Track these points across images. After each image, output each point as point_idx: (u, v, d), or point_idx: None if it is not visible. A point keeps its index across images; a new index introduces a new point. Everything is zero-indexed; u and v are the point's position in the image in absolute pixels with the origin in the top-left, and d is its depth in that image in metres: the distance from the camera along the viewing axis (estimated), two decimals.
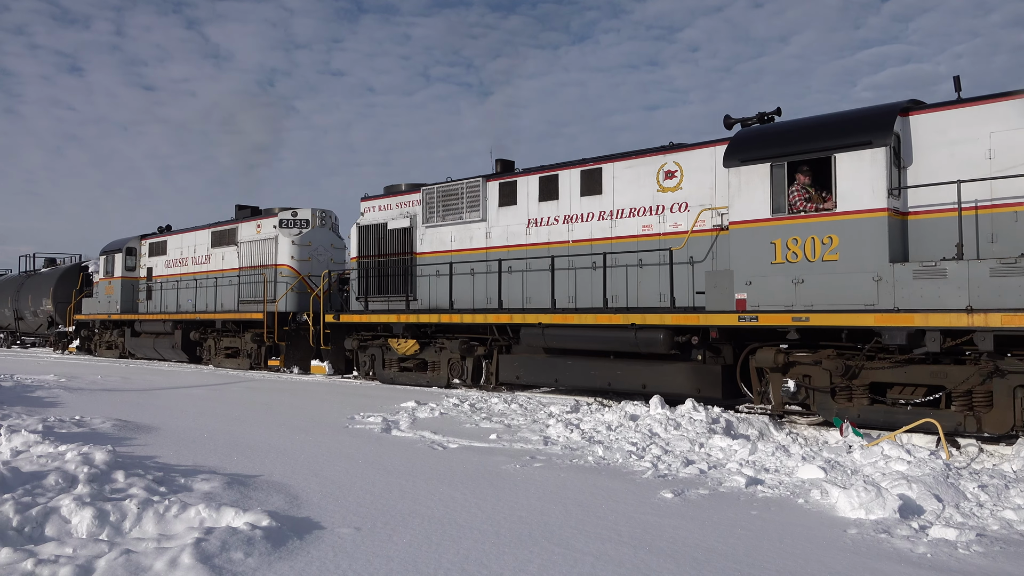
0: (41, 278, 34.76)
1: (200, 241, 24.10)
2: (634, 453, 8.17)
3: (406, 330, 15.60)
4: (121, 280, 26.98)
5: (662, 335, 11.40)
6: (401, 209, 16.73)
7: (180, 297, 24.44)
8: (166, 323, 24.15)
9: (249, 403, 12.95)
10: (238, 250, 22.12)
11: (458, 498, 6.22)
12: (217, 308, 22.65)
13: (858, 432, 9.29)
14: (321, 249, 20.92)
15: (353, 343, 17.13)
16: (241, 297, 21.57)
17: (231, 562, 4.50)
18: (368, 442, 8.91)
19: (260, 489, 6.38)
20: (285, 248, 20.56)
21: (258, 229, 21.47)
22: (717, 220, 11.52)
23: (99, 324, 28.66)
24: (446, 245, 15.59)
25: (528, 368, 13.66)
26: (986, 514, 5.89)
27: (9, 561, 4.33)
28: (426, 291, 15.88)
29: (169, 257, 25.53)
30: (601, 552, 4.87)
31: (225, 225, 23.14)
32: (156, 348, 24.80)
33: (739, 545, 5.05)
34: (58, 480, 6.08)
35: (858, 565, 4.69)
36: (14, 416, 10.34)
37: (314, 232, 20.96)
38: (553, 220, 13.82)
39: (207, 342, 23.02)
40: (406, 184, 16.97)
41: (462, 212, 15.24)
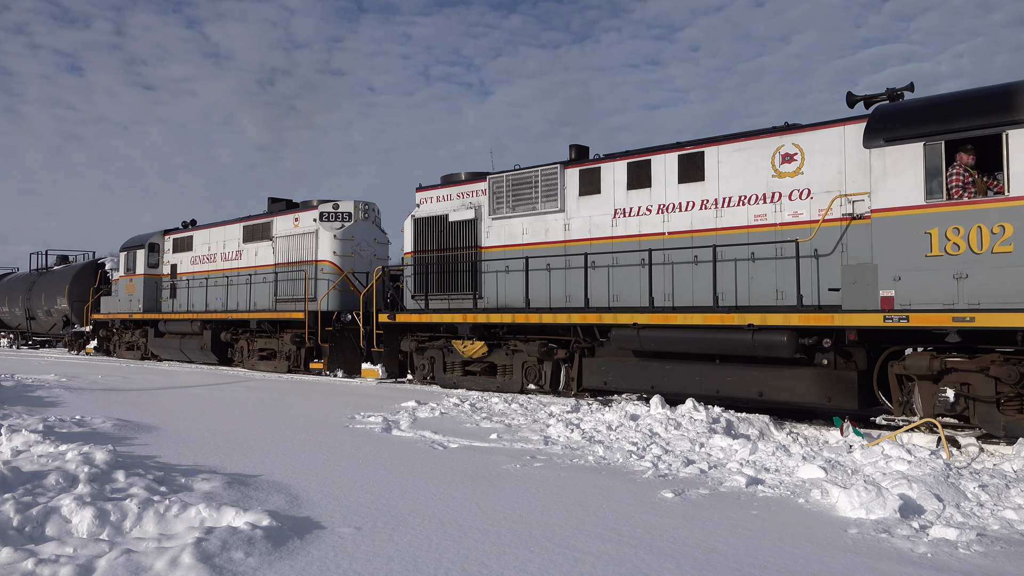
0: (55, 276, 33.40)
1: (230, 236, 22.80)
2: (634, 453, 8.17)
3: (473, 331, 14.30)
4: (143, 278, 25.69)
5: (786, 337, 10.13)
6: (463, 200, 15.34)
7: (208, 295, 23.08)
8: (194, 323, 22.75)
9: (249, 403, 12.95)
10: (273, 245, 20.84)
11: (459, 498, 6.22)
12: (250, 307, 21.33)
13: (859, 432, 9.29)
14: (364, 244, 19.68)
15: (410, 345, 15.85)
16: (277, 295, 20.31)
17: (231, 562, 4.50)
18: (369, 442, 8.92)
19: (260, 489, 6.38)
20: (326, 243, 19.23)
21: (295, 223, 20.14)
22: (847, 208, 10.30)
23: (119, 324, 27.42)
24: (517, 238, 14.29)
25: (618, 373, 12.28)
26: (987, 514, 5.89)
27: (10, 561, 4.33)
28: (493, 288, 14.58)
29: (195, 253, 24.28)
30: (601, 552, 4.87)
31: (258, 219, 21.80)
32: (183, 349, 23.46)
33: (740, 545, 5.05)
34: (59, 480, 6.08)
35: (858, 565, 4.69)
36: (15, 416, 10.34)
37: (356, 226, 19.63)
38: (645, 210, 12.48)
39: (239, 343, 21.63)
40: (466, 173, 15.74)
41: (536, 202, 13.92)
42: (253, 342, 21.01)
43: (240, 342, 21.58)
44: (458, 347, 14.79)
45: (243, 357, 21.40)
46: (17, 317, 36.53)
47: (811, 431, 9.95)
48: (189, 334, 23.07)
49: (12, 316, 37.24)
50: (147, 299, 25.51)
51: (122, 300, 26.78)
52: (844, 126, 10.51)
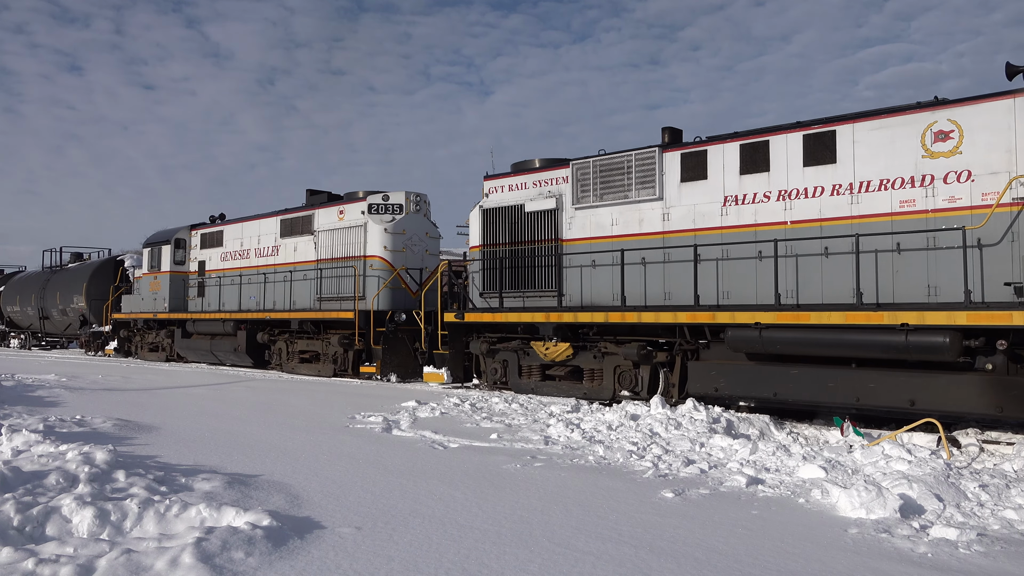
0: (71, 273, 31.79)
1: (266, 230, 21.35)
2: (635, 453, 8.17)
3: (556, 332, 13.02)
4: (169, 275, 24.32)
5: (948, 338, 8.83)
6: (541, 188, 14.01)
7: (241, 294, 21.67)
8: (226, 323, 21.33)
9: (250, 403, 12.96)
10: (315, 240, 19.36)
11: (459, 498, 6.22)
12: (289, 306, 19.93)
13: (859, 432, 9.29)
14: (416, 238, 18.24)
15: (480, 347, 14.42)
16: (320, 294, 18.97)
17: (232, 561, 4.50)
18: (369, 442, 8.92)
19: (261, 489, 6.38)
20: (376, 237, 17.85)
21: (341, 215, 18.70)
22: (1019, 192, 9.11)
23: (141, 324, 26.01)
24: (605, 229, 12.99)
25: (732, 378, 10.89)
26: (987, 514, 5.89)
27: (10, 561, 4.34)
28: (576, 284, 13.29)
29: (226, 249, 22.82)
30: (602, 552, 4.87)
31: (298, 212, 20.34)
32: (213, 351, 22.06)
33: (740, 545, 5.05)
34: (59, 480, 6.08)
35: (859, 565, 4.69)
36: (15, 415, 10.35)
37: (408, 219, 18.18)
38: (762, 197, 11.16)
39: (277, 345, 20.09)
40: (541, 160, 14.41)
41: (628, 189, 12.56)
42: (293, 344, 19.59)
43: (278, 343, 20.13)
44: (538, 349, 13.44)
45: (281, 360, 19.92)
46: (29, 317, 35.10)
47: (811, 431, 9.96)
48: (221, 335, 21.73)
49: (24, 316, 35.86)
50: (173, 298, 24.19)
51: (145, 299, 25.52)
52: (1014, 98, 9.25)
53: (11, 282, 37.57)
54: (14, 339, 37.77)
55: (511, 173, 14.72)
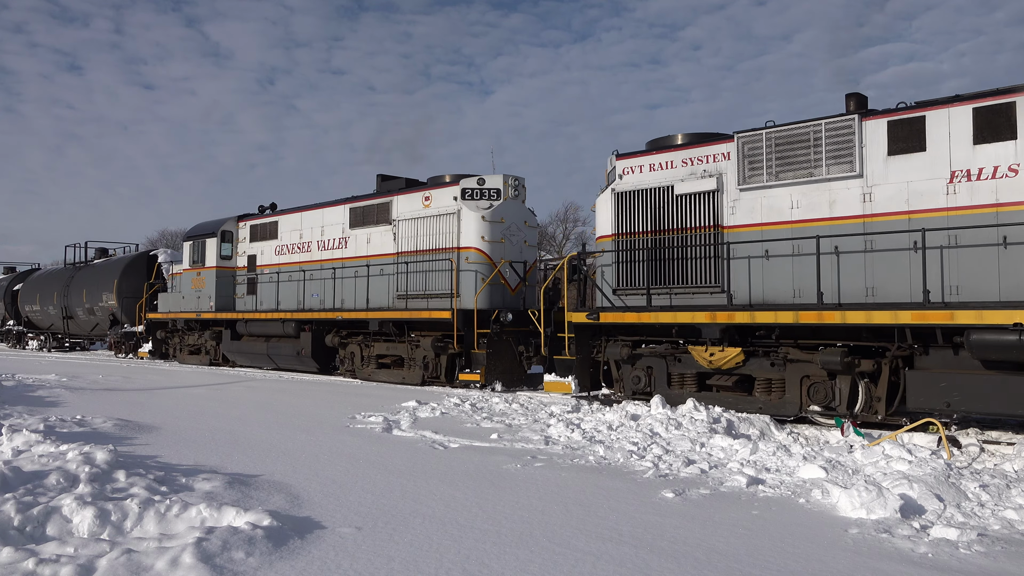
0: (99, 270, 29.53)
1: (331, 220, 19.18)
2: (635, 453, 8.17)
3: (723, 334, 11.00)
4: (216, 271, 22.13)
5: None
6: (694, 167, 11.99)
7: (301, 291, 19.55)
8: (287, 323, 19.23)
9: (250, 403, 12.96)
10: (394, 230, 17.22)
11: (459, 498, 6.22)
12: (363, 304, 17.80)
13: (859, 432, 9.29)
14: (514, 228, 16.09)
15: (620, 352, 12.22)
16: (400, 290, 16.92)
17: (232, 561, 4.50)
18: (369, 442, 8.92)
19: (261, 489, 6.38)
20: (472, 226, 15.71)
21: (426, 202, 16.62)
22: None
23: (182, 324, 23.94)
24: (781, 213, 10.99)
25: (970, 392, 8.99)
26: (987, 514, 5.89)
27: (11, 560, 4.34)
28: (743, 279, 11.21)
29: (281, 242, 20.67)
30: (602, 552, 4.87)
31: (371, 199, 18.17)
32: (270, 355, 20.04)
33: (740, 545, 5.05)
34: (59, 480, 6.08)
35: (859, 565, 4.69)
36: (15, 415, 10.35)
37: (506, 205, 15.97)
38: (1007, 171, 9.28)
39: (349, 348, 18.00)
40: (685, 135, 12.41)
41: (815, 166, 10.64)
42: (369, 347, 17.44)
43: (350, 347, 17.98)
44: (696, 355, 11.37)
45: (354, 365, 17.81)
46: (50, 316, 32.73)
47: (812, 431, 9.96)
48: (279, 337, 19.69)
49: (44, 316, 33.46)
50: (220, 296, 22.06)
51: (187, 297, 23.39)
52: None
53: (29, 280, 35.62)
54: (32, 340, 35.73)
55: (651, 150, 12.65)
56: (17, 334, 36.45)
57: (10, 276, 39.20)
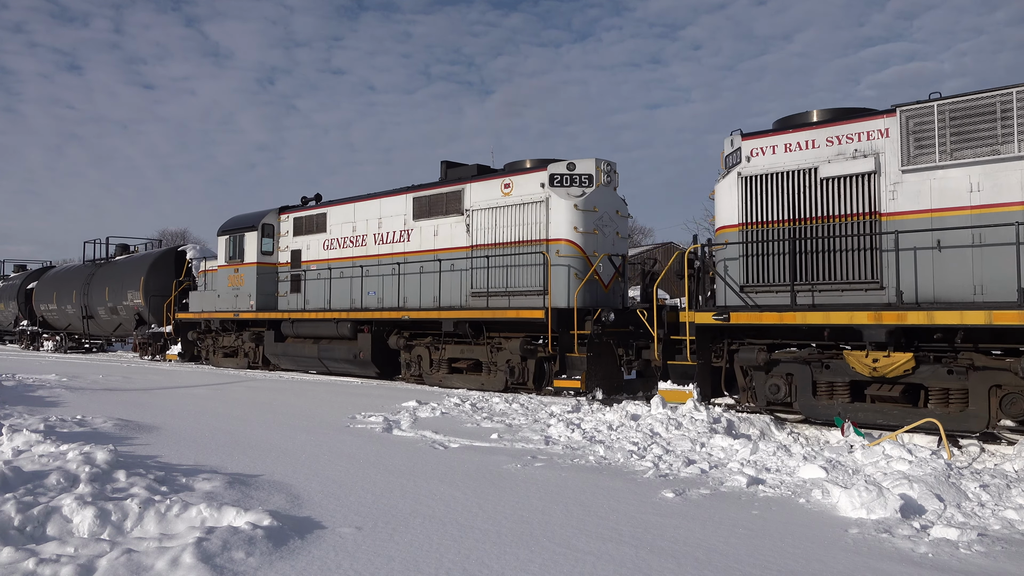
0: (123, 267, 27.91)
1: (390, 211, 17.67)
2: (635, 453, 8.17)
3: (889, 337, 9.59)
4: (256, 267, 20.64)
5: None
6: (842, 146, 10.54)
7: (360, 288, 18.10)
8: (341, 324, 17.82)
9: (250, 403, 12.96)
10: (467, 221, 15.73)
11: (459, 498, 6.22)
12: (429, 303, 16.36)
13: (859, 432, 9.29)
14: (606, 217, 14.65)
15: (756, 357, 10.64)
16: (476, 288, 15.43)
17: (232, 561, 4.50)
18: (369, 442, 8.92)
19: (261, 488, 6.39)
20: (563, 215, 14.26)
21: (506, 190, 15.13)
22: None
23: (217, 324, 22.35)
24: (958, 198, 9.58)
25: None
26: (988, 514, 5.89)
27: (11, 560, 4.34)
28: (909, 274, 9.84)
29: (331, 235, 19.25)
30: (602, 552, 4.87)
31: (438, 188, 16.59)
32: (322, 358, 18.61)
33: (740, 545, 5.05)
34: (60, 479, 6.09)
35: (859, 565, 4.69)
36: (16, 415, 10.36)
37: (599, 193, 14.53)
38: None
39: (415, 351, 16.45)
40: (826, 111, 10.98)
41: (1003, 141, 9.22)
42: (440, 349, 15.89)
43: (416, 349, 16.45)
44: (854, 361, 9.97)
45: (422, 369, 16.30)
46: (68, 316, 31.01)
47: (812, 431, 9.96)
48: (332, 338, 18.31)
49: (61, 315, 31.63)
50: (262, 294, 20.68)
51: (223, 295, 21.92)
52: None
53: (45, 278, 33.83)
54: (48, 341, 33.89)
55: (786, 129, 11.17)
56: (31, 335, 34.90)
57: (23, 274, 37.52)
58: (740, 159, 11.40)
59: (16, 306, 35.54)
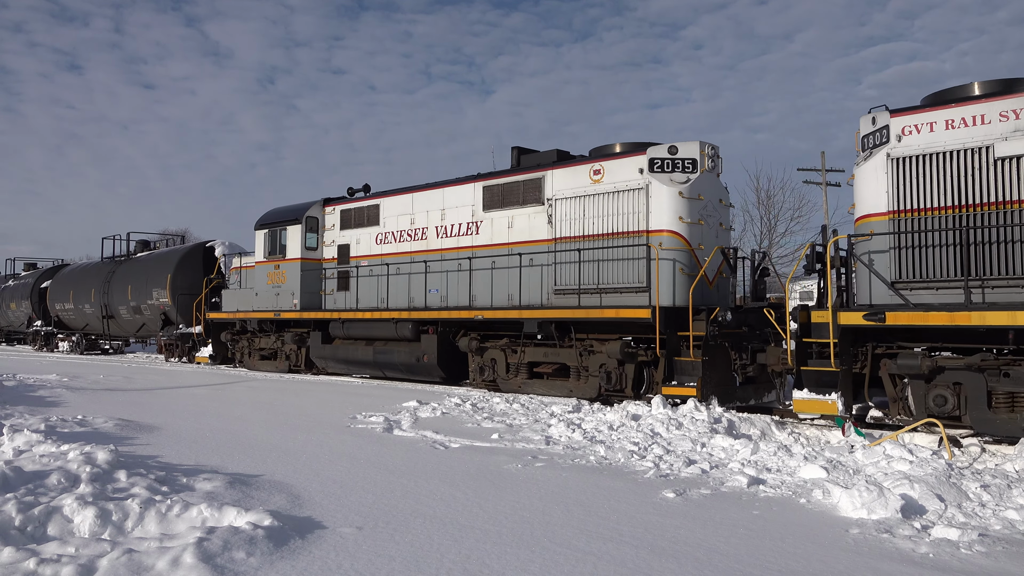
0: (147, 264, 26.48)
1: (455, 202, 16.13)
2: (636, 453, 8.17)
3: None
4: (300, 263, 19.18)
5: None
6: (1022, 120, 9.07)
7: (413, 285, 16.74)
8: (400, 324, 16.27)
9: (251, 403, 12.96)
10: (549, 211, 14.26)
11: (460, 498, 6.22)
12: (504, 300, 14.85)
13: (860, 432, 9.29)
14: (711, 207, 13.23)
15: (921, 364, 9.24)
16: (561, 284, 13.92)
17: (233, 561, 4.50)
18: (370, 442, 8.92)
19: (262, 488, 6.39)
20: (666, 204, 12.75)
21: (596, 176, 13.72)
22: None
23: (254, 325, 20.83)
24: None
25: None
26: (988, 514, 5.89)
27: (12, 560, 4.34)
28: None
29: (384, 229, 17.69)
30: (603, 552, 4.87)
31: (513, 175, 15.05)
32: (377, 361, 17.09)
33: (741, 545, 5.05)
34: (60, 479, 6.09)
35: (860, 565, 4.69)
36: (17, 415, 10.36)
37: (703, 179, 13.08)
38: None
39: (488, 354, 14.93)
40: (990, 82, 9.58)
41: None
42: (518, 353, 14.44)
43: (491, 352, 14.89)
44: None
45: (496, 373, 14.76)
46: (86, 316, 29.45)
47: (813, 431, 9.95)
48: (389, 340, 16.84)
49: (78, 315, 30.07)
50: (306, 293, 19.19)
51: (261, 293, 20.41)
52: None
53: (60, 276, 32.40)
54: (63, 342, 32.26)
55: (945, 103, 9.73)
56: (46, 335, 33.31)
57: (36, 272, 35.92)
58: (888, 138, 10.02)
59: (29, 305, 34.08)
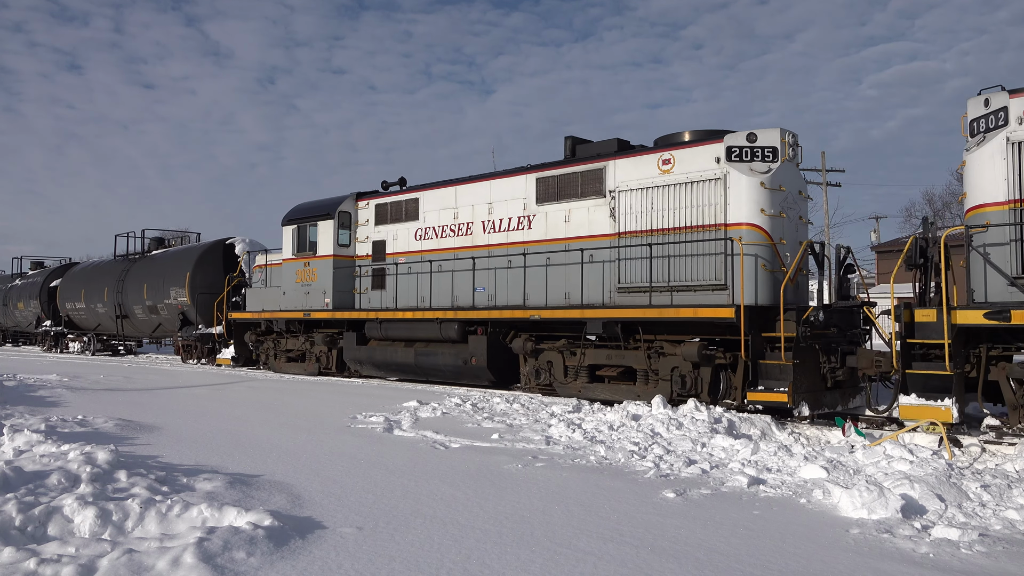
0: (163, 261, 25.68)
1: (504, 194, 15.19)
2: (636, 453, 8.17)
3: None
4: (332, 260, 18.35)
5: None
6: None
7: (458, 284, 15.77)
8: (445, 324, 15.38)
9: (251, 403, 12.96)
10: (612, 204, 13.34)
11: (460, 498, 6.22)
12: (560, 299, 13.95)
13: (860, 432, 9.29)
14: (791, 199, 12.29)
15: None
16: (626, 281, 12.99)
17: (233, 561, 4.51)
18: (370, 442, 8.92)
19: (262, 489, 6.39)
20: (746, 195, 11.85)
21: (665, 167, 12.78)
22: None
23: (282, 326, 19.90)
24: None
25: None
26: (989, 514, 5.89)
27: (12, 560, 4.34)
28: None
29: (425, 224, 16.77)
30: (603, 552, 4.87)
31: (570, 166, 14.21)
32: (419, 363, 16.22)
33: (741, 545, 5.05)
34: (61, 480, 6.09)
35: (860, 565, 4.69)
36: (17, 416, 10.36)
37: (785, 169, 12.15)
38: None
39: (544, 356, 13.93)
40: None
41: None
42: (577, 355, 13.42)
43: (547, 354, 13.92)
44: None
45: (552, 376, 13.76)
46: (98, 316, 28.54)
47: (813, 431, 9.95)
48: (432, 341, 15.96)
49: (90, 315, 29.13)
50: (338, 290, 18.37)
51: (289, 292, 19.58)
52: None
53: (70, 275, 31.51)
54: (74, 342, 31.33)
55: None
56: (55, 335, 32.33)
57: (44, 271, 34.77)
58: (1006, 121, 9.28)
59: (38, 305, 33.02)
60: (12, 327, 37.69)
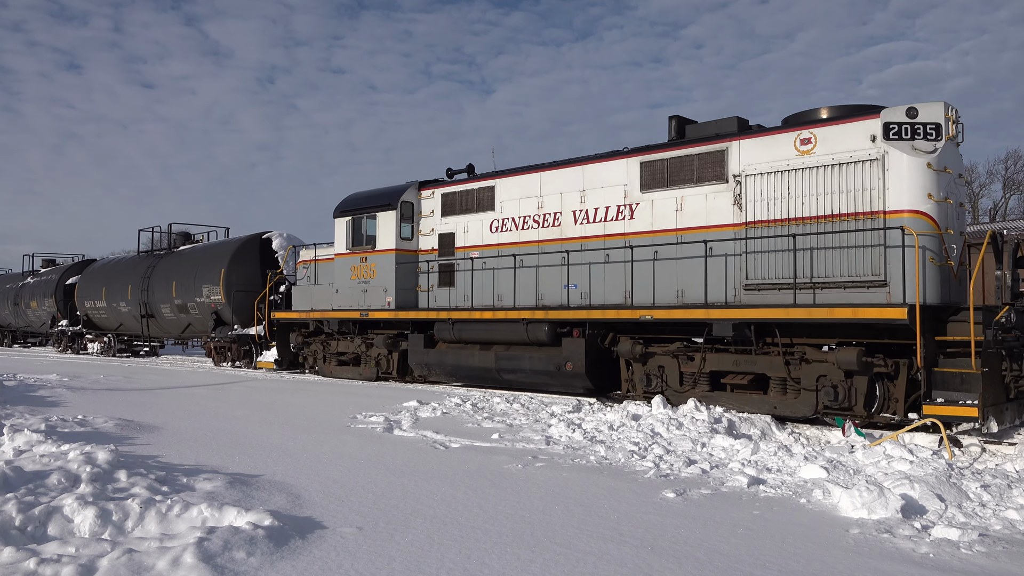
0: (194, 257, 23.95)
1: (600, 181, 13.57)
2: (636, 453, 8.17)
3: None
4: (395, 255, 16.56)
5: None
6: None
7: (545, 281, 14.23)
8: (533, 325, 13.77)
9: (251, 403, 12.96)
10: (736, 190, 11.73)
11: (460, 498, 6.22)
12: (671, 298, 12.29)
13: (860, 432, 9.29)
14: (954, 183, 10.75)
15: None
16: (755, 277, 11.40)
17: (233, 561, 4.51)
18: (370, 442, 8.92)
19: (262, 488, 6.39)
20: (911, 178, 10.24)
21: (804, 147, 11.17)
22: None
23: (334, 326, 18.12)
24: None
25: None
26: (989, 514, 5.89)
27: (12, 560, 4.34)
28: None
29: (502, 215, 15.12)
30: (603, 552, 4.87)
31: (682, 148, 12.50)
32: (500, 368, 14.53)
33: (741, 545, 5.05)
34: (61, 479, 6.09)
35: (860, 565, 4.69)
36: (17, 415, 10.37)
37: (948, 150, 10.55)
38: None
39: (654, 361, 12.30)
40: None
41: None
42: (696, 361, 11.74)
43: (658, 359, 12.28)
44: None
45: (665, 383, 12.13)
46: (121, 315, 26.86)
47: (813, 431, 9.96)
48: (515, 343, 14.34)
49: (111, 314, 27.42)
50: (401, 288, 16.61)
51: (343, 290, 17.79)
52: None
53: (89, 271, 29.70)
54: (93, 343, 29.55)
55: None
56: (72, 336, 30.62)
57: (59, 268, 32.87)
58: None
59: (53, 303, 31.08)
60: (23, 327, 35.80)
